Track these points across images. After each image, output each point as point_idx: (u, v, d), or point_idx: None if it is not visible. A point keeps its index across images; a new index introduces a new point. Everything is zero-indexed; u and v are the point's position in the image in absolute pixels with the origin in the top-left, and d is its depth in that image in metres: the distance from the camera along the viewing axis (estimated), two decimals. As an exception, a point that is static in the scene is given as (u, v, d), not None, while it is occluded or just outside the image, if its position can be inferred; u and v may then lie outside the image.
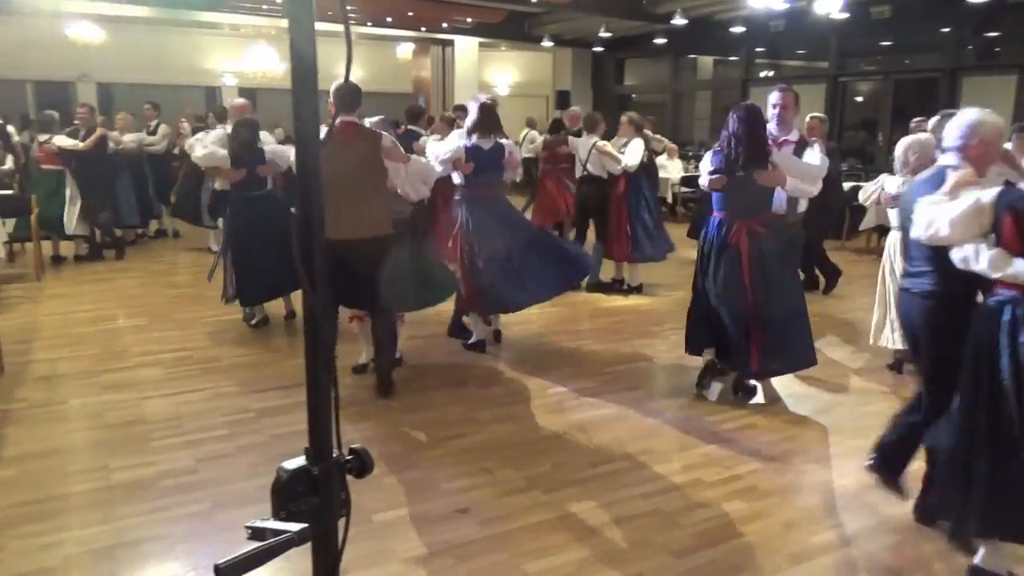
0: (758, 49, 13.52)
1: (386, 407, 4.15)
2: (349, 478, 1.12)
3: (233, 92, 15.58)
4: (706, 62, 16.49)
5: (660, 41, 14.09)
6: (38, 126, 8.58)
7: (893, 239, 4.58)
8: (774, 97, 4.39)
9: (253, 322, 5.63)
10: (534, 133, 12.57)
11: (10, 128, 11.73)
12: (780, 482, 3.38)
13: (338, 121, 4.15)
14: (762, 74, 13.81)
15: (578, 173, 6.89)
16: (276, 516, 1.04)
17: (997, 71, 10.14)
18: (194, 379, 4.54)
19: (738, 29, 12.59)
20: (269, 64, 14.22)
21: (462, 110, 6.93)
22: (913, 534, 2.95)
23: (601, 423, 4.00)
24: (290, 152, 5.52)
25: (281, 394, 4.31)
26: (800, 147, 4.31)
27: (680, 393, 4.43)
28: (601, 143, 6.69)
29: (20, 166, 9.64)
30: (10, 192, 8.09)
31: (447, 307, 5.28)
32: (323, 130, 8.84)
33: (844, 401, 4.38)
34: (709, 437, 3.84)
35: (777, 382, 4.41)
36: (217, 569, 0.87)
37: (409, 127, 7.61)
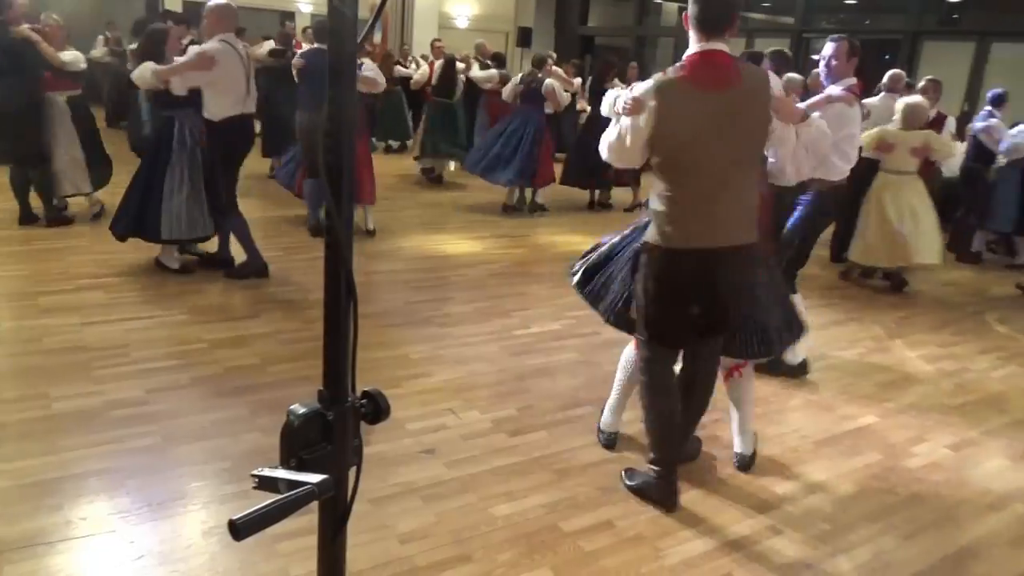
0: (724, -2, 13.32)
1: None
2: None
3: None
4: (671, 8, 16.23)
5: (627, -17, 13.80)
6: None
7: None
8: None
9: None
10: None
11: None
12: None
13: (700, 51, 2.42)
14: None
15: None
16: (285, 464, 0.93)
17: (957, 37, 10.24)
18: (140, 306, 4.31)
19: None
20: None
21: None
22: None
23: (565, 367, 3.97)
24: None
25: (235, 325, 4.14)
26: None
27: (643, 341, 4.43)
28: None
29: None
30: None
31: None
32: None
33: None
34: (672, 386, 3.85)
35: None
36: (232, 525, 0.76)
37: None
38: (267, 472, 0.90)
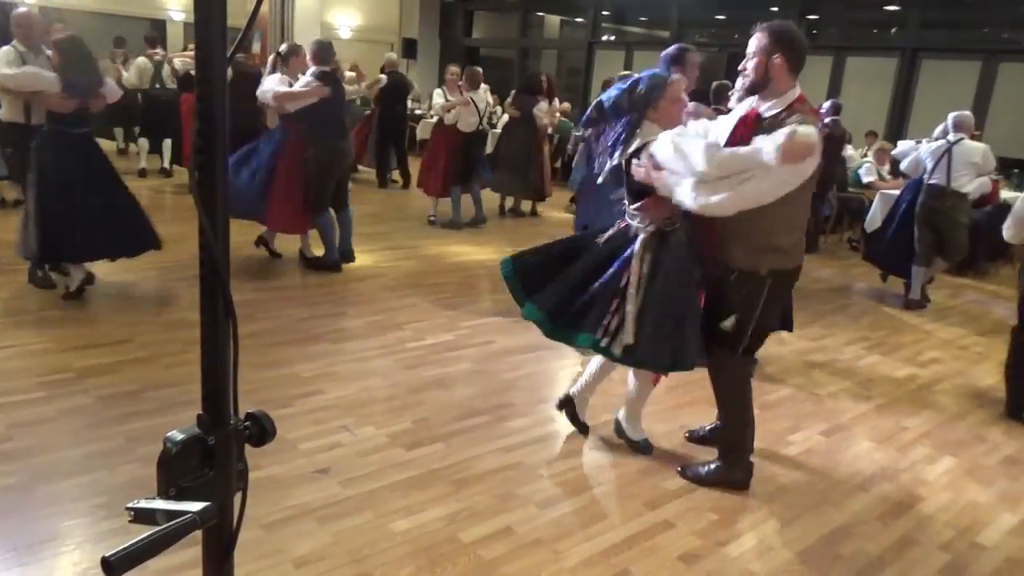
0: (604, 12, 13.79)
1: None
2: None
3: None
4: (553, 21, 16.61)
5: (511, -5, 14.03)
6: None
7: None
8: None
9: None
10: None
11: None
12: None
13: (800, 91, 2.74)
14: (605, 38, 14.12)
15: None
16: (164, 494, 0.89)
17: (815, 52, 11.00)
18: (-2, 334, 3.98)
19: (587, -10, 12.78)
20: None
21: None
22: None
23: (460, 378, 3.97)
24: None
25: (105, 351, 3.89)
26: None
27: (533, 348, 4.48)
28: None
29: None
30: None
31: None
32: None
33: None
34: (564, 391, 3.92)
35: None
36: (105, 562, 0.72)
37: None
38: (143, 504, 0.85)
